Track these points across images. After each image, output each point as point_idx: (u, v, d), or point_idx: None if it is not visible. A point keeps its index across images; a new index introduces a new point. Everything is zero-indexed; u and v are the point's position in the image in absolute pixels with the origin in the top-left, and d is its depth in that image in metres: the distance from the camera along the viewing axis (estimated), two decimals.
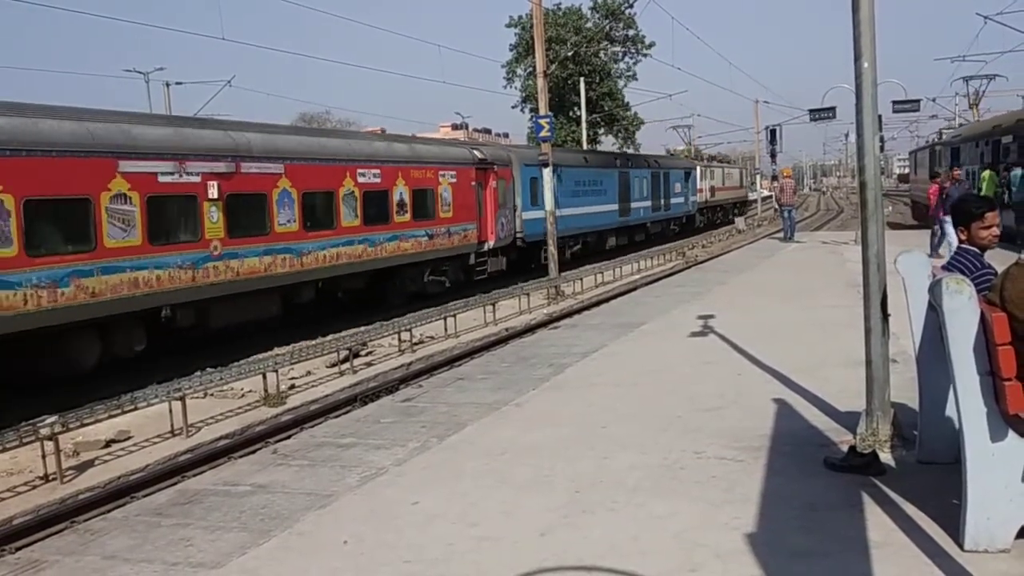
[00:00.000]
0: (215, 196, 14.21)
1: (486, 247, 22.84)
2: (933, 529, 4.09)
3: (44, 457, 8.58)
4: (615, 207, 32.17)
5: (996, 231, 4.55)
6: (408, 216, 19.33)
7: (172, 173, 13.48)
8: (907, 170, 59.83)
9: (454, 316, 16.21)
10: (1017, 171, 21.04)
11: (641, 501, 4.72)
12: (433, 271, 20.85)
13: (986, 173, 22.29)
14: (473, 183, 22.17)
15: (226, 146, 14.74)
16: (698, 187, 44.53)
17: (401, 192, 19.19)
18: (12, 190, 11.01)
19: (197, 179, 13.93)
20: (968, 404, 3.85)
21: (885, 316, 5.43)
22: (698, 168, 45.92)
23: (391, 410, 7.49)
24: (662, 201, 37.91)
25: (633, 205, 34.19)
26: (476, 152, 23.34)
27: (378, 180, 18.43)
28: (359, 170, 17.77)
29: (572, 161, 29.52)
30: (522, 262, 25.12)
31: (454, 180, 21.26)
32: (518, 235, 24.61)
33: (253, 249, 14.98)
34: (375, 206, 18.23)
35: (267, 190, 15.44)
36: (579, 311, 16.74)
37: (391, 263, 18.78)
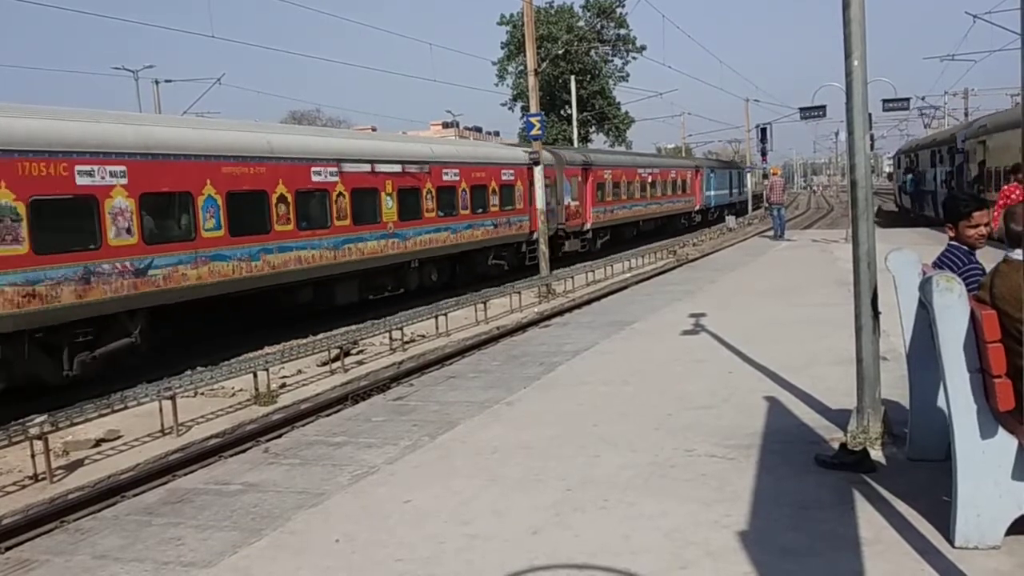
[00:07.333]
0: (649, 182, 37.32)
1: (696, 209, 46.68)
2: (924, 526, 4.10)
3: (33, 457, 8.54)
4: (727, 192, 55.00)
5: (984, 231, 4.57)
6: (680, 192, 42.98)
7: (643, 175, 36.57)
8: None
9: (445, 315, 16.19)
10: (909, 176, 35.65)
11: (632, 499, 4.73)
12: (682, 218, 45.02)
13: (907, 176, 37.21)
14: (693, 177, 45.61)
15: (649, 163, 38.96)
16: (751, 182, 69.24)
17: (679, 183, 42.66)
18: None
19: (644, 176, 36.70)
20: (958, 401, 3.86)
21: (876, 314, 5.45)
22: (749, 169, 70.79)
23: (382, 409, 7.49)
24: (742, 189, 60.43)
25: (731, 191, 56.67)
26: (695, 162, 49.81)
27: (674, 176, 42.10)
28: (672, 173, 41.35)
29: (716, 166, 54.92)
30: (703, 217, 48.15)
31: (689, 176, 44.90)
32: (705, 204, 48.29)
33: (646, 204, 37.20)
34: (671, 188, 41.42)
35: (647, 180, 37.48)
36: (570, 309, 16.75)
37: (669, 213, 41.75)
